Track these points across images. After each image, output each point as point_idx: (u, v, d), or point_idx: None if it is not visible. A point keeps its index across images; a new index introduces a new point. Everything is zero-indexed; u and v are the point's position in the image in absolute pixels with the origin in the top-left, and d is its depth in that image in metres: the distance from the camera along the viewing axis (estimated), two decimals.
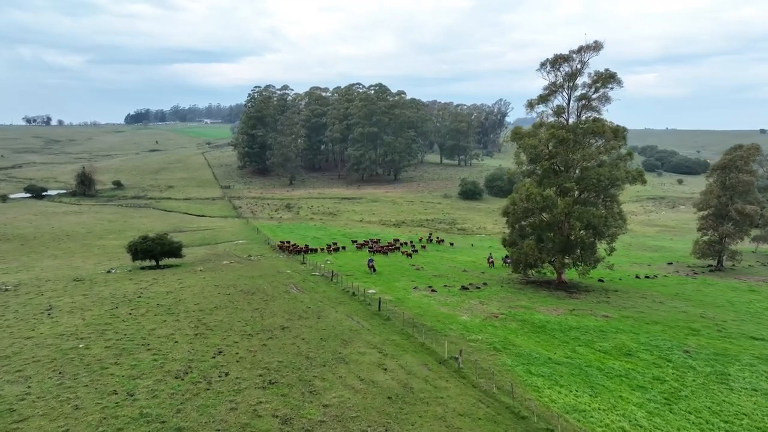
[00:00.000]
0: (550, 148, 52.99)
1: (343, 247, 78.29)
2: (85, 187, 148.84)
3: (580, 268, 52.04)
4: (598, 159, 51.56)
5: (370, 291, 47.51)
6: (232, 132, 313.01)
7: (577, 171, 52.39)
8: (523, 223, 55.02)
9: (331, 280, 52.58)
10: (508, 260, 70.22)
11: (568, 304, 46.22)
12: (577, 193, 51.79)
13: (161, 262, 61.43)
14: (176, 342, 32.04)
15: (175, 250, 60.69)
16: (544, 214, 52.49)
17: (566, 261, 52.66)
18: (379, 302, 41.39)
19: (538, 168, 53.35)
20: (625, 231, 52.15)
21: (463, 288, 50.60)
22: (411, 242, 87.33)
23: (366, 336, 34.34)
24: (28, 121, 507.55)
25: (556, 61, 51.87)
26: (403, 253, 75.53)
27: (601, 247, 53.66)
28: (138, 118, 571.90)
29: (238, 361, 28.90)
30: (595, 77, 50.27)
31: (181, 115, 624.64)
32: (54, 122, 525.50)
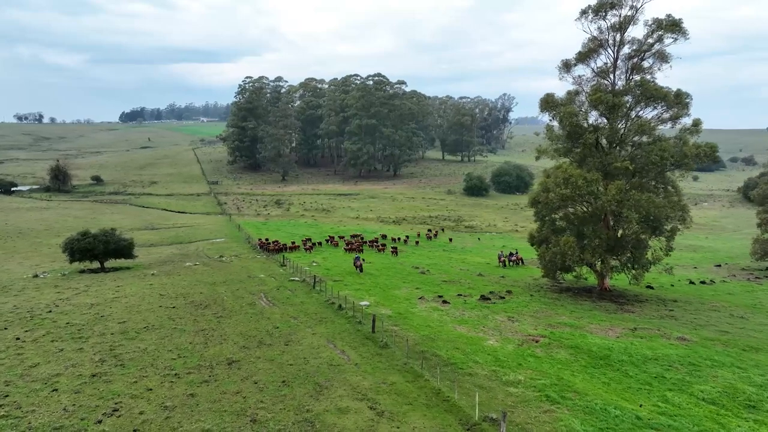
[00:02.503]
0: (593, 119, 41.78)
1: (319, 243, 68.64)
2: (59, 182, 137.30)
3: (633, 272, 40.73)
4: (655, 132, 40.24)
5: (363, 303, 36.13)
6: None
7: (628, 148, 41.12)
8: (554, 215, 43.78)
9: (314, 287, 41.20)
10: (513, 258, 59.87)
11: (624, 321, 34.89)
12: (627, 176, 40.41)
13: (107, 264, 50.11)
14: (55, 390, 20.66)
15: (123, 249, 49.35)
16: (584, 204, 41.23)
17: (614, 263, 41.30)
18: (374, 320, 30.00)
19: (577, 144, 42.04)
20: (689, 225, 40.82)
21: (483, 298, 39.24)
22: (407, 238, 76.57)
23: (352, 376, 22.99)
24: (20, 118, 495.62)
25: (601, 8, 40.55)
26: (379, 250, 65.01)
27: (656, 245, 42.29)
28: (133, 117, 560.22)
29: (135, 431, 17.54)
30: (653, 25, 38.94)
31: (177, 113, 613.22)
32: (46, 120, 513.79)
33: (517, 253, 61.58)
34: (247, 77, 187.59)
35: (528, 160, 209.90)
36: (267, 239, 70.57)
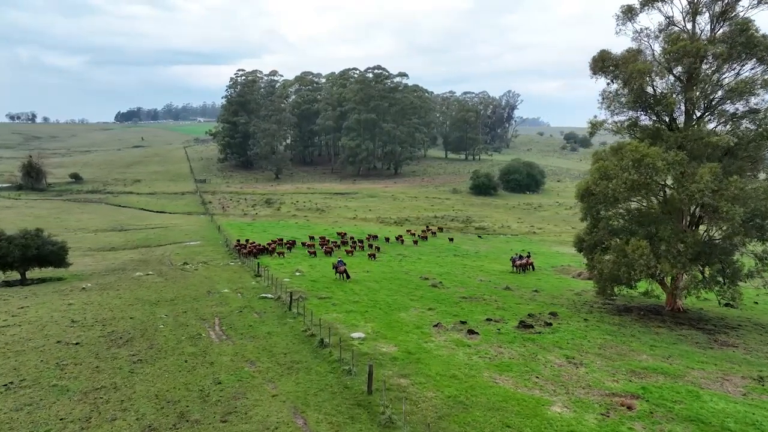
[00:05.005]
0: (662, 85, 31.08)
1: (291, 244, 59.57)
2: (31, 179, 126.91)
3: (725, 288, 29.91)
4: (752, 98, 29.49)
5: (355, 335, 25.32)
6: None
7: (715, 119, 30.41)
8: (610, 212, 33.02)
9: (289, 309, 30.36)
10: (523, 261, 50.23)
11: (733, 361, 24.07)
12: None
13: (32, 274, 39.37)
14: None
15: (49, 256, 38.66)
16: (657, 195, 30.53)
17: (697, 275, 30.44)
18: (370, 373, 19.10)
19: (644, 116, 31.38)
20: None
21: (524, 325, 28.36)
22: (400, 238, 67.40)
23: None
24: (12, 118, 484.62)
25: None
26: (348, 252, 56.30)
27: (750, 250, 31.47)
28: (129, 117, 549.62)
29: None
30: None
31: (174, 113, 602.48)
32: (39, 120, 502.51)
33: (528, 256, 51.66)
34: (239, 70, 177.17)
35: (535, 159, 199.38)
36: (247, 240, 60.23)
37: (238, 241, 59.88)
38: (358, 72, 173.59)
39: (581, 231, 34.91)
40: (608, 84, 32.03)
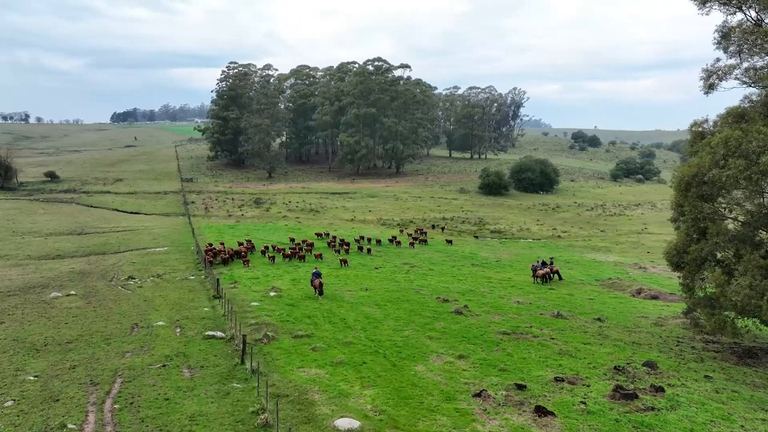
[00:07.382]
0: None
1: (265, 248, 49.36)
2: (0, 177, 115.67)
3: None
4: None
5: (342, 425, 14.23)
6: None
7: None
8: (732, 209, 22.12)
9: (241, 361, 19.31)
10: (546, 269, 40.32)
11: None
12: None
13: None
14: None
15: None
16: None
17: None
18: None
19: None
20: None
21: (622, 393, 17.26)
22: (394, 239, 57.58)
23: None
24: (5, 118, 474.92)
25: None
26: (317, 256, 46.51)
27: None
28: (124, 117, 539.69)
29: None
30: None
31: (171, 114, 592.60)
32: (33, 120, 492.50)
33: (552, 263, 42.58)
34: (231, 62, 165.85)
35: (543, 158, 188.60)
36: (222, 244, 49.59)
37: (209, 245, 49.03)
38: (357, 65, 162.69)
39: (678, 240, 23.86)
40: (732, 14, 21.07)
